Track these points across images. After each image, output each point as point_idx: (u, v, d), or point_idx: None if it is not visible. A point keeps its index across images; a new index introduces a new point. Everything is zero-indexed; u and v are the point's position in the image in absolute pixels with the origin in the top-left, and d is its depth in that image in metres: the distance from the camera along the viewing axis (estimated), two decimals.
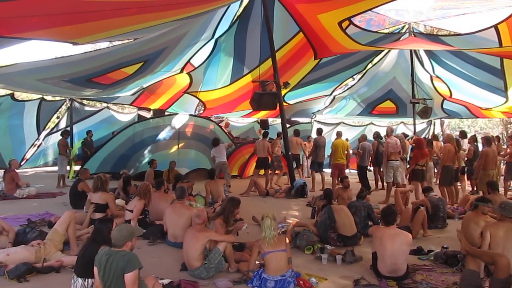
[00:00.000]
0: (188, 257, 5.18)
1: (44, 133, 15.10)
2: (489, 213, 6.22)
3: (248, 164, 14.82)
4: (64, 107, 15.46)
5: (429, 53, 13.98)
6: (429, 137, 15.45)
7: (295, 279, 4.80)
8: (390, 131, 11.03)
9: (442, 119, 18.98)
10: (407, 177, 10.85)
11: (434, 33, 15.95)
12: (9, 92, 12.64)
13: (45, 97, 14.12)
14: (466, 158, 11.84)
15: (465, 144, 12.69)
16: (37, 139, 14.85)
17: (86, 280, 4.24)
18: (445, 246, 6.14)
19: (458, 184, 10.97)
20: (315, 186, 12.26)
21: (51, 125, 15.64)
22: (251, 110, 13.80)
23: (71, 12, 5.45)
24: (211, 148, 12.22)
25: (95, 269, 3.90)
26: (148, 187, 7.35)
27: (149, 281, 4.26)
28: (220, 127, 15.52)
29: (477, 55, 11.71)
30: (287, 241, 5.06)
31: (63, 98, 14.71)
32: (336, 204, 7.24)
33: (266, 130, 13.67)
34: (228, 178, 12.09)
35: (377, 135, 12.54)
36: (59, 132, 13.89)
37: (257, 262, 5.10)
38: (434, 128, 20.20)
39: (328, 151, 12.93)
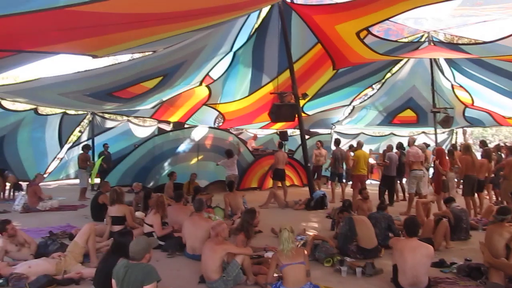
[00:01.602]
0: (206, 269, 5.17)
1: (66, 146, 15.34)
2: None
3: (268, 175, 14.79)
4: (86, 120, 15.71)
5: (449, 61, 13.81)
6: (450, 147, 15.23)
7: None
8: (412, 141, 10.89)
9: (464, 128, 18.62)
10: (433, 187, 10.66)
11: (454, 41, 15.77)
12: (32, 107, 12.90)
13: (67, 111, 14.36)
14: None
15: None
16: (60, 152, 15.08)
17: None
18: (468, 258, 6.01)
19: (485, 194, 10.73)
20: (335, 198, 12.14)
21: (73, 138, 15.89)
22: (270, 121, 13.83)
23: (89, 26, 5.56)
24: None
25: (113, 281, 3.92)
26: (160, 199, 7.39)
27: None
28: (240, 139, 15.55)
29: (497, 62, 11.52)
30: (306, 253, 5.00)
31: (85, 112, 14.95)
32: (358, 216, 7.13)
33: (281, 142, 13.68)
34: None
35: (400, 145, 12.40)
36: (81, 146, 14.12)
37: (275, 275, 5.06)
38: (456, 138, 19.88)
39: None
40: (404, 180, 12.48)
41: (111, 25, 5.82)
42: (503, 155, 11.93)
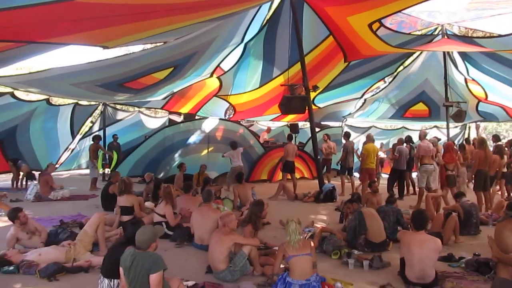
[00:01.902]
0: (213, 259, 5.21)
1: (78, 137, 15.46)
2: None
3: (278, 168, 14.79)
4: (97, 111, 15.82)
5: (463, 55, 13.62)
6: (463, 141, 15.10)
7: (320, 284, 4.73)
8: (423, 135, 10.80)
9: (478, 123, 18.40)
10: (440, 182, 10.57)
11: (469, 34, 15.55)
12: (45, 97, 13.02)
13: (79, 101, 14.47)
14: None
15: None
16: (72, 142, 15.22)
17: (112, 280, 4.31)
18: (477, 253, 5.96)
19: (497, 189, 10.62)
20: (344, 191, 12.11)
21: (85, 129, 16.01)
22: (280, 113, 13.80)
23: (99, 17, 5.58)
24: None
25: (121, 269, 3.96)
26: (167, 189, 7.45)
27: (174, 282, 4.30)
28: (250, 131, 15.56)
29: None
30: (312, 245, 5.00)
31: (97, 102, 15.04)
32: (367, 209, 7.10)
33: (291, 134, 13.77)
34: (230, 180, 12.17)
35: (408, 139, 12.28)
36: (91, 136, 14.24)
37: (282, 266, 5.07)
38: (469, 132, 19.68)
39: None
40: (414, 174, 12.37)
41: (121, 16, 5.82)
42: None
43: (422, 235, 5.11)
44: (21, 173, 12.44)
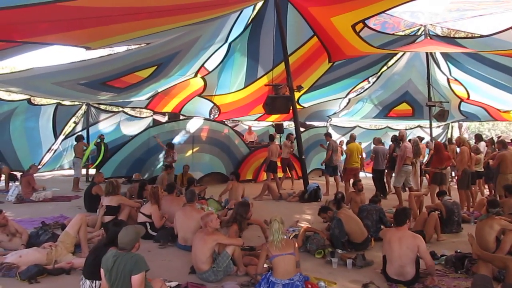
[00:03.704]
0: (196, 260, 5.19)
1: (61, 137, 15.27)
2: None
3: (263, 168, 14.80)
4: (80, 111, 15.64)
5: (446, 55, 13.78)
6: (445, 141, 15.27)
7: (303, 283, 4.74)
8: (402, 135, 10.89)
9: (460, 122, 18.65)
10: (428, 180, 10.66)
11: (452, 35, 15.74)
12: (26, 97, 12.84)
13: (61, 101, 14.28)
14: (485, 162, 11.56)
15: (481, 147, 12.39)
16: (54, 143, 15.02)
17: (94, 282, 4.29)
18: (458, 250, 6.05)
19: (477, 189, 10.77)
20: (329, 190, 12.15)
21: (68, 129, 15.82)
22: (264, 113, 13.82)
23: (80, 18, 5.51)
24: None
25: (102, 271, 3.92)
26: (153, 190, 7.40)
27: (156, 283, 4.27)
28: (235, 131, 15.54)
29: (494, 56, 11.50)
30: (296, 244, 5.01)
31: (80, 103, 14.87)
32: (344, 210, 7.06)
33: (272, 134, 13.89)
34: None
35: (394, 138, 12.34)
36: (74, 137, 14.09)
37: (265, 266, 5.07)
38: (451, 132, 19.91)
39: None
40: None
41: (102, 17, 5.77)
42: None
43: (403, 231, 5.16)
44: (3, 175, 12.24)
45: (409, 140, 11.14)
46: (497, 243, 5.57)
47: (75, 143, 13.26)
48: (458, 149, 10.70)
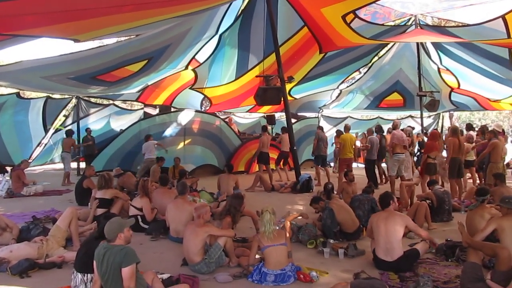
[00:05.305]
0: (188, 252, 5.18)
1: (51, 131, 15.14)
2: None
3: (255, 159, 14.80)
4: (70, 104, 15.51)
5: (436, 45, 13.84)
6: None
7: (295, 273, 4.77)
8: (396, 125, 10.93)
9: (451, 112, 18.73)
10: (420, 170, 10.70)
11: (442, 25, 15.77)
12: (14, 91, 12.70)
13: (51, 95, 14.16)
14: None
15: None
16: (44, 137, 14.90)
17: (86, 275, 4.27)
18: (449, 239, 6.08)
19: (468, 176, 10.81)
20: (320, 181, 12.17)
21: (58, 123, 15.70)
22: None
23: (66, 10, 5.44)
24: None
25: (95, 263, 3.91)
26: (143, 183, 7.38)
27: (148, 275, 4.26)
28: (227, 123, 15.52)
29: (485, 46, 11.56)
30: (287, 235, 5.03)
31: (70, 96, 14.74)
32: (335, 200, 7.07)
33: (265, 125, 13.85)
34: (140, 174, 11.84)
35: (379, 129, 12.32)
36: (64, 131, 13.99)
37: (257, 256, 5.08)
38: (442, 122, 20.01)
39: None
40: (383, 164, 12.48)
41: (88, 10, 5.69)
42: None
43: (388, 212, 5.28)
44: None
45: (402, 130, 11.18)
46: None
47: (65, 137, 13.16)
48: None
